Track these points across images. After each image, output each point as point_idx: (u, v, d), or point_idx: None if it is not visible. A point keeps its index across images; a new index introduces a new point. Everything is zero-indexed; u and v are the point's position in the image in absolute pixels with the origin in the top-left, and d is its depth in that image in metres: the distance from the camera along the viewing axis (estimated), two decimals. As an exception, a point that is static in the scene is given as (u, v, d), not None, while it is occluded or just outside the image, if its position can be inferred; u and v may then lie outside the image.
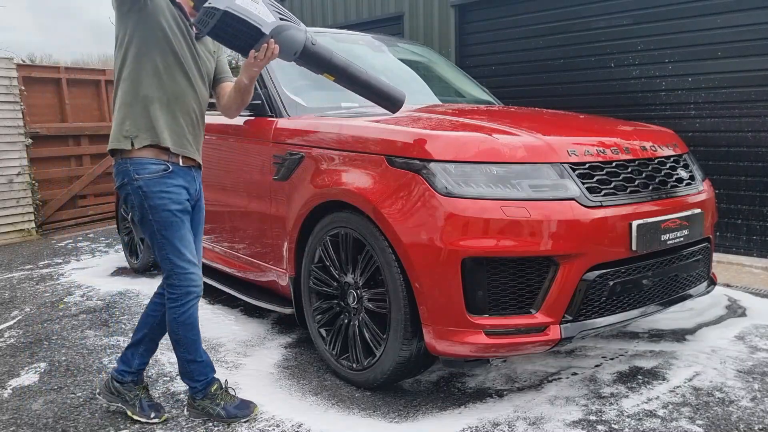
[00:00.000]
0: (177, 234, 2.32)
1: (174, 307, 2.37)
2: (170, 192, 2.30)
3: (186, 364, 2.46)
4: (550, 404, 2.51)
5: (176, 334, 2.41)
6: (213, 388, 2.49)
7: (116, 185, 2.37)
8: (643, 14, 5.23)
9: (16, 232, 6.78)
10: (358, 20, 7.66)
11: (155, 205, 2.28)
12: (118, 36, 2.28)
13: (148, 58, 2.25)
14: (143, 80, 2.26)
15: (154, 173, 2.28)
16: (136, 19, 2.23)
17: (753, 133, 4.76)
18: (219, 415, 2.46)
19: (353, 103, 3.42)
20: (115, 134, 2.29)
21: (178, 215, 2.32)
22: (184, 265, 2.35)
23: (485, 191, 2.31)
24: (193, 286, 2.38)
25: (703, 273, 2.89)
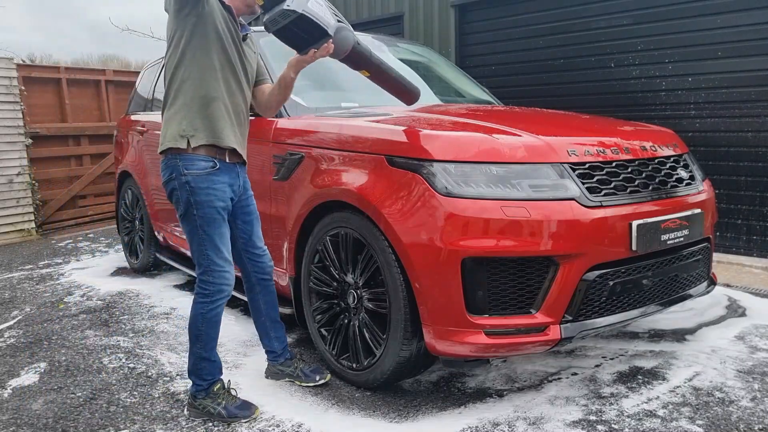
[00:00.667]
0: (218, 231, 2.39)
1: (203, 303, 2.42)
2: (216, 189, 2.38)
3: (198, 362, 2.47)
4: (550, 404, 2.51)
5: (198, 330, 2.44)
6: (216, 388, 2.51)
7: (163, 180, 2.43)
8: (643, 14, 5.23)
9: (16, 232, 6.79)
10: (358, 20, 7.66)
11: (201, 201, 2.35)
12: (174, 37, 2.35)
13: (205, 59, 2.33)
14: (201, 81, 2.34)
15: (202, 170, 2.36)
16: (194, 21, 2.30)
17: (753, 133, 4.76)
18: (220, 414, 2.46)
19: (353, 103, 3.42)
20: (172, 134, 2.35)
21: (221, 213, 2.40)
22: (221, 263, 2.41)
23: (485, 191, 2.31)
24: (225, 284, 2.43)
25: (703, 273, 2.89)
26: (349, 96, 3.56)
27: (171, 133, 2.35)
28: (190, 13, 2.29)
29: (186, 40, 2.32)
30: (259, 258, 2.68)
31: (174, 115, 2.36)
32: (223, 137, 2.38)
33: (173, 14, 2.33)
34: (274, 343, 2.78)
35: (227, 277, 2.44)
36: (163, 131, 2.39)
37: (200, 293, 2.43)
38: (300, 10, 2.20)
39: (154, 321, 3.74)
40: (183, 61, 2.34)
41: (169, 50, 2.38)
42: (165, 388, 2.78)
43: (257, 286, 2.71)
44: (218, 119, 2.37)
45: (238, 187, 2.51)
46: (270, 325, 2.76)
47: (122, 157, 5.18)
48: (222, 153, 2.40)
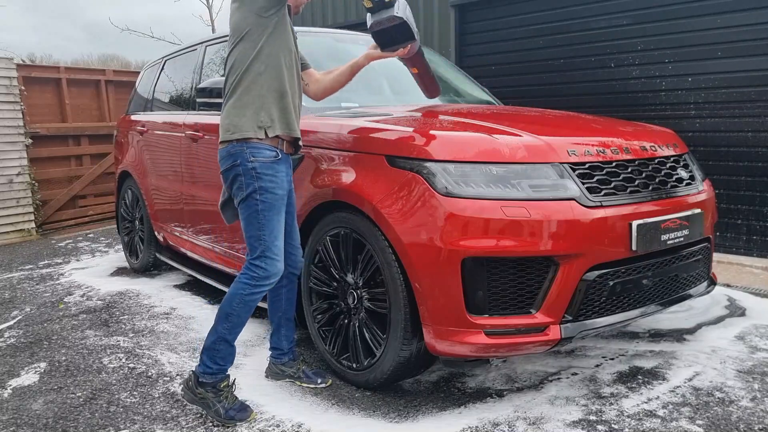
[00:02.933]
0: (276, 218, 2.47)
1: (248, 284, 2.44)
2: (277, 177, 2.46)
3: (218, 342, 2.47)
4: (550, 404, 2.51)
5: (232, 308, 2.45)
6: (223, 384, 2.49)
7: (224, 167, 2.48)
8: (643, 14, 5.23)
9: (16, 232, 6.79)
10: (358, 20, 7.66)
11: (265, 187, 2.43)
12: (248, 32, 2.42)
13: (280, 55, 2.47)
14: (277, 75, 2.45)
15: (267, 158, 2.44)
16: (276, 21, 2.44)
17: (753, 133, 4.76)
18: (217, 412, 2.44)
19: (353, 103, 3.42)
20: (248, 123, 2.42)
21: (281, 200, 2.48)
22: (276, 250, 2.46)
23: (485, 191, 2.31)
24: (275, 273, 2.47)
25: (703, 273, 2.89)
26: (349, 96, 3.55)
27: (247, 123, 2.42)
28: (276, 13, 2.43)
29: (267, 36, 2.42)
30: (294, 251, 2.73)
31: (248, 105, 2.43)
32: (295, 129, 2.53)
33: (256, 12, 2.41)
34: (283, 341, 2.80)
35: (278, 266, 2.47)
36: (233, 120, 2.43)
37: (248, 275, 2.44)
38: (404, 17, 2.56)
39: (154, 321, 3.74)
40: (260, 56, 2.42)
41: (239, 43, 2.44)
42: (165, 388, 2.78)
43: (285, 279, 2.71)
44: (290, 112, 2.50)
45: (291, 178, 2.62)
46: (284, 322, 2.78)
47: (122, 157, 5.18)
48: (282, 143, 2.50)
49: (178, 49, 4.72)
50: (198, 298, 4.18)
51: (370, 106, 3.41)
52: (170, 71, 4.71)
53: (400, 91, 3.95)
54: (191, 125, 3.97)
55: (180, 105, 4.42)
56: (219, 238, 3.78)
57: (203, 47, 4.19)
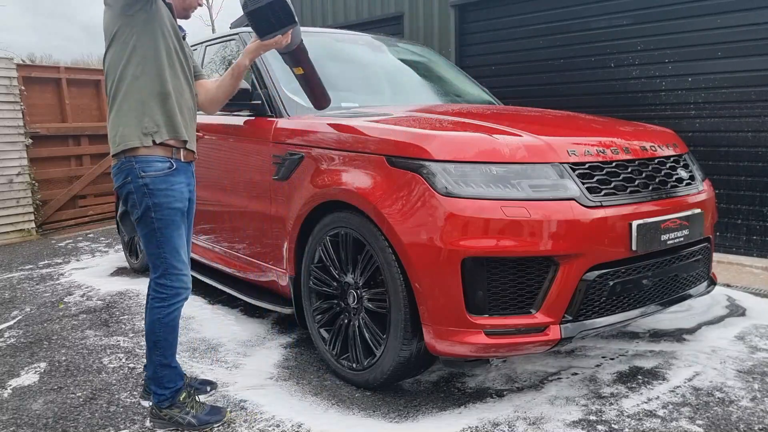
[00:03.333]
0: (176, 233, 2.33)
1: (160, 307, 2.35)
2: (174, 190, 2.31)
3: (159, 369, 2.40)
4: (550, 404, 2.51)
5: (156, 336, 2.37)
6: (182, 397, 2.43)
7: (117, 185, 2.34)
8: (643, 14, 5.23)
9: (16, 232, 6.79)
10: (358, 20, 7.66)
11: (159, 203, 2.28)
12: (117, 33, 2.25)
13: (156, 56, 2.28)
14: (155, 78, 2.28)
15: (159, 171, 2.28)
16: (143, 18, 2.24)
17: (753, 133, 4.76)
18: (190, 424, 2.38)
19: (353, 103, 3.42)
20: (133, 132, 2.25)
21: (179, 215, 2.34)
22: (180, 265, 2.35)
23: (485, 191, 2.31)
24: (184, 288, 2.38)
25: (703, 273, 2.89)
26: (349, 96, 3.56)
27: (131, 132, 2.25)
28: (141, 9, 2.23)
29: (136, 37, 2.25)
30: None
31: (129, 112, 2.27)
32: (181, 132, 2.34)
33: (118, 10, 2.24)
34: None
35: (185, 281, 2.38)
36: (116, 132, 2.28)
37: (157, 297, 2.35)
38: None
39: (154, 321, 3.74)
40: (132, 58, 2.25)
41: (112, 47, 2.28)
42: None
43: None
44: (175, 114, 2.32)
45: (193, 186, 2.47)
46: None
47: (122, 157, 5.17)
48: (177, 152, 2.34)
49: (178, 49, 4.71)
50: (198, 298, 4.18)
51: (370, 106, 3.41)
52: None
53: (400, 91, 3.95)
54: (191, 125, 3.96)
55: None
56: (219, 238, 3.78)
57: (203, 47, 4.19)
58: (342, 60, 3.95)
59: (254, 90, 3.31)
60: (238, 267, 3.60)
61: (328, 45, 3.97)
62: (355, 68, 3.95)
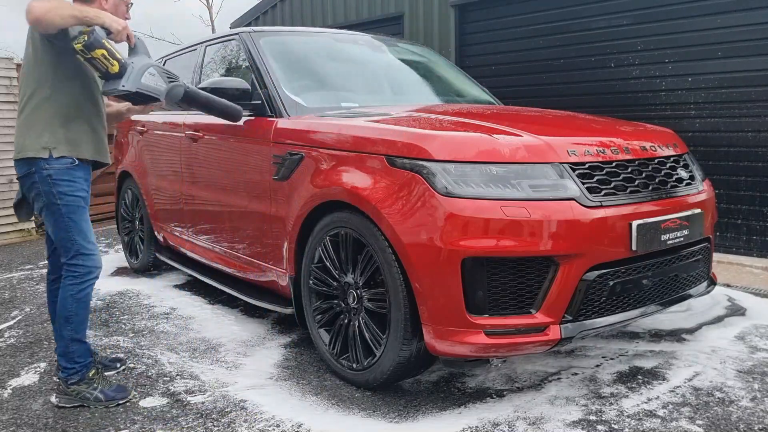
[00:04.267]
0: (83, 217, 2.60)
1: (73, 284, 2.56)
2: (76, 181, 2.57)
3: (69, 344, 2.58)
4: (550, 404, 2.51)
5: (68, 311, 2.56)
6: (91, 373, 2.62)
7: (20, 174, 2.59)
8: (643, 14, 5.23)
9: (16, 232, 6.79)
10: (358, 20, 7.66)
11: (64, 192, 2.54)
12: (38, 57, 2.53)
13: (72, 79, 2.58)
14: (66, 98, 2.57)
15: (63, 165, 2.54)
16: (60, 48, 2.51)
17: (753, 133, 4.76)
18: (97, 398, 2.56)
19: (353, 103, 3.42)
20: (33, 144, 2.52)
21: (84, 202, 2.62)
22: (90, 246, 2.60)
23: (485, 191, 2.31)
24: (95, 266, 2.61)
25: (703, 273, 2.89)
26: (349, 96, 3.56)
27: (32, 144, 2.51)
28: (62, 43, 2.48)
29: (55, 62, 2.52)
30: None
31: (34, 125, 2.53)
32: (83, 150, 2.60)
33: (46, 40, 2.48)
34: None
35: (95, 259, 2.60)
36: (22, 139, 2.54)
37: (70, 275, 2.56)
38: (134, 89, 2.54)
39: (154, 321, 3.74)
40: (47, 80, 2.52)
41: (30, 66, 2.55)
42: (165, 388, 2.78)
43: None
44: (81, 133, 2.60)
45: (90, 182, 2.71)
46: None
47: (122, 157, 5.17)
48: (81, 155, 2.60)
49: (178, 49, 4.72)
50: (198, 298, 4.18)
51: (370, 106, 3.41)
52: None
53: (400, 91, 3.95)
54: (191, 125, 3.97)
55: (180, 105, 4.41)
56: (219, 238, 3.78)
57: (203, 47, 4.19)
58: (342, 60, 3.95)
59: (254, 90, 3.31)
60: (238, 267, 3.60)
61: (328, 45, 3.97)
62: (355, 68, 3.95)
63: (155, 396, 2.71)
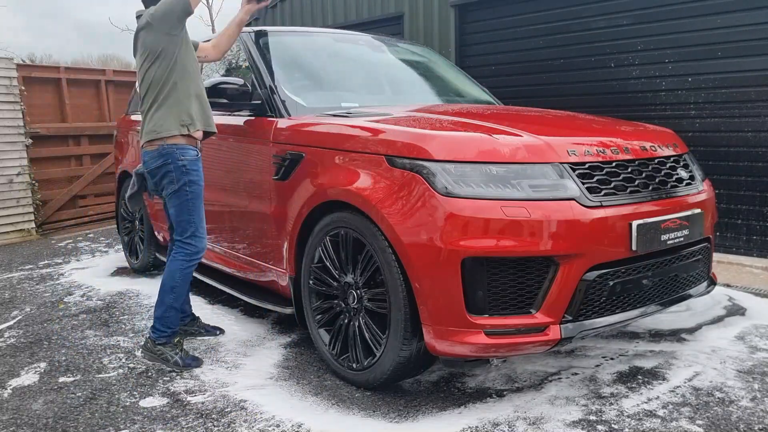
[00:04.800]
0: (201, 204, 3.01)
1: (184, 260, 2.97)
2: (200, 172, 2.99)
3: (168, 310, 2.97)
4: (550, 404, 2.51)
5: (174, 282, 2.97)
6: (176, 339, 3.02)
7: (153, 166, 2.94)
8: (643, 14, 5.23)
9: (16, 232, 6.79)
10: (358, 20, 7.66)
11: (193, 181, 2.94)
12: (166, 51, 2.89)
13: (189, 65, 2.96)
14: (191, 81, 2.94)
15: (193, 157, 2.95)
16: (183, 38, 2.94)
17: (753, 133, 4.76)
18: (176, 362, 2.94)
19: (353, 103, 3.42)
20: (171, 124, 2.88)
21: (202, 190, 3.00)
22: (203, 231, 3.02)
23: (485, 191, 2.31)
24: (203, 248, 3.02)
25: (703, 273, 2.89)
26: (349, 96, 3.56)
27: (170, 124, 2.88)
28: (182, 30, 2.93)
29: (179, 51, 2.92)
30: None
31: (170, 109, 2.89)
32: (211, 123, 3.05)
33: (166, 31, 2.88)
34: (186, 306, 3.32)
35: (205, 243, 3.03)
36: (157, 124, 2.89)
37: (183, 252, 2.97)
38: None
39: (154, 321, 3.74)
40: (175, 67, 2.90)
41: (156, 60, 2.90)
42: (165, 388, 2.78)
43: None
44: (207, 109, 3.02)
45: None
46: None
47: (122, 157, 5.18)
48: (200, 143, 3.03)
49: (178, 49, 4.71)
50: (198, 298, 4.18)
51: (370, 106, 3.41)
52: (170, 71, 4.70)
53: (400, 91, 3.95)
54: (191, 125, 3.96)
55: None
56: (219, 238, 3.77)
57: (203, 47, 4.19)
58: (342, 60, 3.95)
59: (254, 90, 3.32)
60: (238, 267, 3.60)
61: (328, 45, 3.97)
62: (355, 68, 3.95)
63: (155, 396, 2.71)
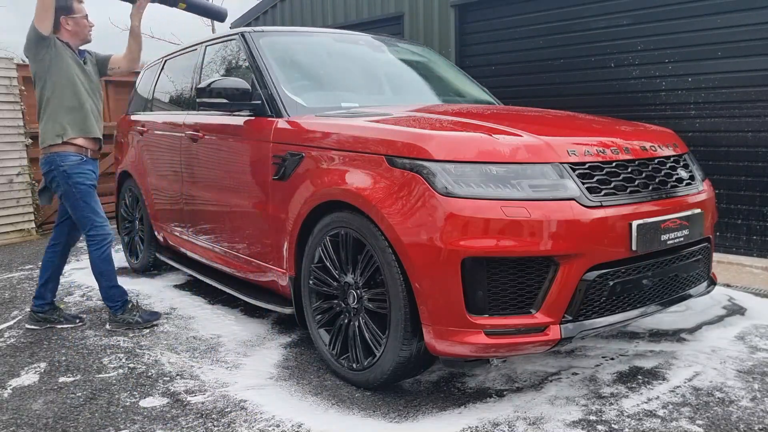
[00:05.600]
0: (92, 199, 3.46)
1: (96, 249, 3.47)
2: (85, 173, 3.43)
3: (108, 290, 3.53)
4: (550, 404, 2.51)
5: (99, 268, 3.51)
6: (129, 305, 3.57)
7: (43, 171, 3.45)
8: (643, 14, 5.23)
9: (16, 232, 6.79)
10: (358, 20, 7.66)
11: (78, 182, 3.40)
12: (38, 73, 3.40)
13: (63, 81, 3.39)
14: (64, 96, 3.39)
15: (74, 162, 3.40)
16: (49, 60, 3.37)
17: (753, 133, 4.76)
18: (137, 321, 3.49)
19: (353, 103, 3.42)
20: (48, 134, 3.37)
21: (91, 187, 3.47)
22: (99, 219, 3.47)
23: (485, 191, 2.31)
24: (107, 232, 3.50)
25: (703, 273, 2.89)
26: (349, 96, 3.56)
27: (48, 135, 3.38)
28: (46, 54, 3.35)
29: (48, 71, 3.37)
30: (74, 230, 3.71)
31: (47, 123, 3.38)
32: (93, 129, 3.48)
33: (32, 58, 3.37)
34: (48, 294, 3.67)
35: (107, 227, 3.49)
36: (41, 136, 3.41)
37: (92, 243, 3.47)
38: None
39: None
40: (47, 85, 3.37)
41: (36, 82, 3.42)
42: (165, 388, 2.78)
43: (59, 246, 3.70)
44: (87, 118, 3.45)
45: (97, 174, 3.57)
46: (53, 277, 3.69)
47: (122, 157, 5.18)
48: (85, 150, 3.47)
49: (178, 49, 4.72)
50: (198, 298, 4.18)
51: (370, 106, 3.41)
52: (170, 71, 4.71)
53: (400, 91, 3.95)
54: (191, 125, 3.97)
55: (180, 105, 4.42)
56: (219, 238, 3.78)
57: (203, 47, 4.19)
58: (342, 60, 3.95)
59: (254, 90, 3.31)
60: (238, 267, 3.60)
61: (328, 45, 3.97)
62: (355, 68, 3.95)
63: (155, 396, 2.71)
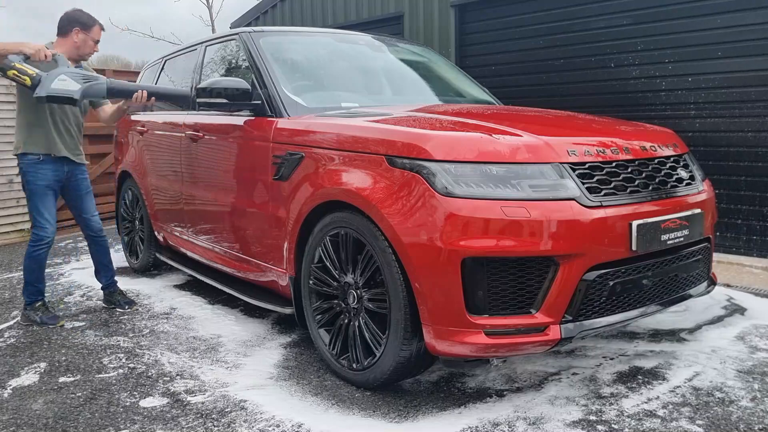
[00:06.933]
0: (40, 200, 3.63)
1: (30, 246, 3.67)
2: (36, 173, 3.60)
3: (28, 286, 3.75)
4: (550, 404, 2.51)
5: (27, 263, 3.71)
6: (37, 305, 3.76)
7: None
8: (643, 14, 5.23)
9: (16, 232, 6.78)
10: (358, 20, 7.67)
11: (29, 180, 3.61)
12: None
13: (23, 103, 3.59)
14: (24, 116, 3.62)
15: (30, 161, 3.60)
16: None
17: (753, 133, 4.76)
18: (34, 320, 3.71)
19: (353, 103, 3.42)
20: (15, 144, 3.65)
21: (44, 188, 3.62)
22: (42, 221, 3.65)
23: (485, 191, 2.31)
24: (46, 236, 3.67)
25: (703, 273, 2.89)
26: (349, 96, 3.56)
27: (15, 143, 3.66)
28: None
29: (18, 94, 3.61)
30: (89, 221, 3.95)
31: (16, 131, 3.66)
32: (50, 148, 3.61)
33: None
34: (102, 279, 4.04)
35: (47, 230, 3.66)
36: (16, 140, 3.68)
37: (30, 240, 3.68)
38: (45, 94, 3.28)
39: (154, 321, 3.75)
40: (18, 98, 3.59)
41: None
42: (165, 388, 2.78)
43: (89, 240, 4.00)
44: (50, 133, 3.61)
45: (63, 174, 3.71)
46: (100, 267, 4.04)
47: (122, 157, 5.17)
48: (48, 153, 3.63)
49: (178, 49, 4.72)
50: (198, 298, 4.18)
51: (370, 106, 3.41)
52: (170, 71, 4.71)
53: (400, 91, 3.95)
54: (191, 125, 3.97)
55: (180, 105, 4.41)
56: (219, 238, 3.78)
57: (203, 47, 4.19)
58: (342, 60, 3.95)
59: (254, 90, 3.31)
60: (238, 267, 3.60)
61: (328, 45, 3.97)
62: (355, 68, 3.95)
63: (155, 396, 2.71)
